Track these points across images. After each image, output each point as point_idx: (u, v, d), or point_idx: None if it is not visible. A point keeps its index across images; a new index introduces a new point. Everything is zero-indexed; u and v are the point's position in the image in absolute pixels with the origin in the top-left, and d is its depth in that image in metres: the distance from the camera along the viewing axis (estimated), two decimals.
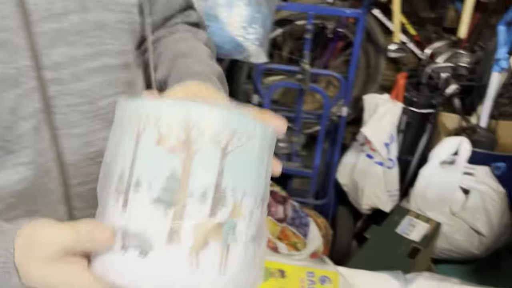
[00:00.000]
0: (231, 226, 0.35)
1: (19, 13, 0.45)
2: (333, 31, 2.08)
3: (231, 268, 0.35)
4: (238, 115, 0.37)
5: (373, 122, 1.77)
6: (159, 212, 0.34)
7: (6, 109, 0.46)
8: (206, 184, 0.34)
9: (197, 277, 0.34)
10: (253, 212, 0.36)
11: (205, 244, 0.34)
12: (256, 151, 0.37)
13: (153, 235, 0.34)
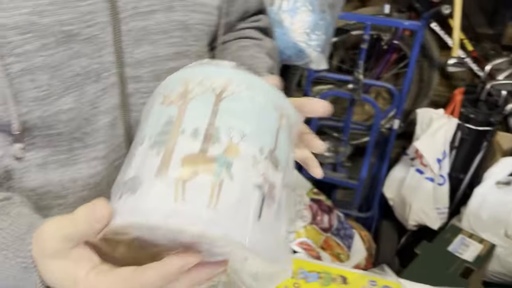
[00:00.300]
0: (225, 163, 0.33)
1: (108, 9, 0.46)
2: (388, 43, 2.06)
3: (224, 203, 0.32)
4: (236, 69, 0.38)
5: (426, 136, 1.74)
6: (153, 153, 0.34)
7: (87, 102, 0.47)
8: (198, 122, 0.35)
9: (181, 206, 0.32)
10: (258, 160, 0.34)
11: (193, 175, 0.33)
12: (258, 101, 0.37)
13: (144, 173, 0.34)
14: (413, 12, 2.00)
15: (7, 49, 0.42)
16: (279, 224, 0.35)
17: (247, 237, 0.32)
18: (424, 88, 2.25)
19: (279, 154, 0.36)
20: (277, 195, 0.35)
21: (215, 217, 0.32)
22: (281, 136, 0.37)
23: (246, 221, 0.33)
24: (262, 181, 0.34)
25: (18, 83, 0.43)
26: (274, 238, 0.35)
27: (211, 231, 0.31)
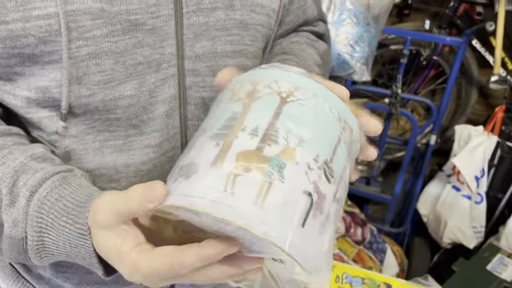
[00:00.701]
0: (278, 164, 0.34)
1: (172, 3, 0.47)
2: (427, 58, 2.05)
3: (270, 203, 0.32)
4: (305, 76, 0.38)
5: (464, 153, 1.72)
6: (212, 143, 0.35)
7: (147, 90, 0.49)
8: (260, 122, 0.35)
9: (228, 198, 0.32)
10: (311, 167, 0.34)
11: (245, 171, 0.33)
12: (321, 110, 0.37)
13: (201, 161, 0.35)
14: (454, 29, 2.00)
15: (78, 33, 0.44)
16: (323, 237, 0.35)
17: (287, 241, 0.32)
18: (461, 105, 2.23)
19: (335, 166, 0.36)
20: (326, 208, 0.35)
21: (259, 214, 0.32)
22: (340, 148, 0.37)
23: (289, 225, 0.33)
24: (312, 189, 0.34)
25: (84, 66, 0.45)
26: (315, 249, 0.34)
27: (253, 228, 0.32)
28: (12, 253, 0.44)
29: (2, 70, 0.47)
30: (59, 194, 0.43)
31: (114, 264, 0.39)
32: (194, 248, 0.34)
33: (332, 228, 0.36)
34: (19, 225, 0.43)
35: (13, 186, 0.43)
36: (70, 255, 0.43)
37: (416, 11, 2.25)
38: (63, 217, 0.41)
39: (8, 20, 0.43)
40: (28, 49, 0.44)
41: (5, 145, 0.46)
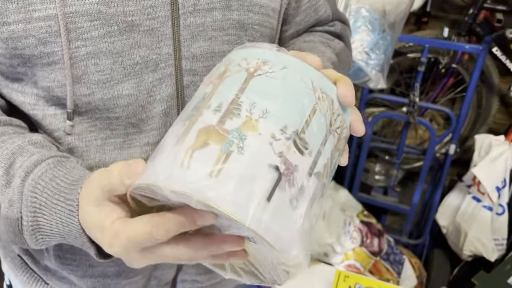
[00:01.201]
0: (238, 136, 0.33)
1: (169, 4, 0.48)
2: (446, 67, 2.02)
3: (227, 175, 0.31)
4: (276, 51, 0.37)
5: (484, 163, 1.67)
6: (181, 124, 0.36)
7: (145, 90, 0.50)
8: (224, 98, 0.35)
9: (184, 171, 0.32)
10: (277, 137, 0.33)
11: (204, 145, 0.32)
12: (291, 81, 0.36)
13: (167, 142, 0.35)
14: (473, 36, 1.96)
15: (76, 34, 0.45)
16: (296, 213, 0.33)
17: (249, 214, 0.31)
18: (482, 114, 2.18)
19: (309, 138, 0.34)
20: (299, 181, 0.33)
21: (215, 186, 0.31)
22: (316, 119, 0.35)
23: (251, 198, 0.31)
24: (279, 161, 0.32)
25: (83, 65, 0.46)
26: (286, 225, 0.32)
27: (210, 201, 0.30)
28: (9, 234, 0.45)
29: (7, 70, 0.49)
30: (53, 175, 0.43)
31: (96, 238, 0.39)
32: (171, 213, 0.34)
33: (308, 204, 0.34)
34: (14, 205, 0.43)
35: (9, 168, 0.44)
36: (63, 235, 0.43)
37: (435, 19, 2.22)
38: (56, 195, 0.42)
39: (10, 22, 0.44)
40: (28, 50, 0.46)
41: (6, 132, 0.48)
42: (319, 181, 0.35)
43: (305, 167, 0.34)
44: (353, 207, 1.74)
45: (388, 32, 1.31)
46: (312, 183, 0.34)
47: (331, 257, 1.60)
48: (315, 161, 0.34)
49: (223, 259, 0.37)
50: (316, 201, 0.35)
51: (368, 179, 2.17)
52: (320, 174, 0.35)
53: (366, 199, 1.91)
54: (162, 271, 0.64)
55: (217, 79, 0.37)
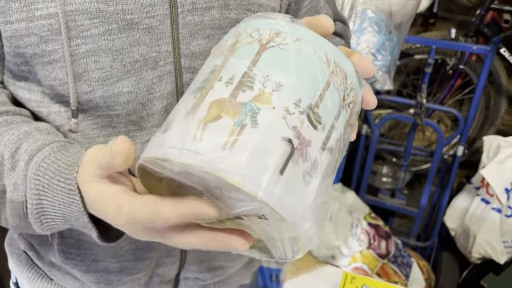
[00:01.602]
0: (251, 109, 0.32)
1: (167, 3, 0.49)
2: (453, 68, 2.01)
3: (240, 148, 0.30)
4: (289, 21, 0.36)
5: (493, 165, 1.66)
6: (190, 97, 0.35)
7: (145, 87, 0.50)
8: (236, 70, 0.34)
9: (196, 144, 0.31)
10: (291, 111, 0.32)
11: (217, 118, 0.32)
12: (305, 54, 0.35)
13: (177, 115, 0.34)
14: (481, 37, 1.95)
15: (76, 32, 0.46)
16: (308, 187, 0.32)
17: (262, 188, 0.30)
18: (490, 116, 2.16)
19: (323, 112, 0.34)
20: (312, 155, 0.33)
21: (227, 158, 0.30)
22: (330, 93, 0.35)
23: (263, 171, 0.30)
24: (292, 135, 0.32)
25: (84, 63, 0.47)
26: (298, 199, 0.32)
27: (222, 173, 0.30)
28: (15, 219, 0.46)
29: (14, 67, 0.50)
30: (55, 157, 0.44)
31: (100, 211, 0.39)
32: (174, 201, 0.34)
33: (320, 179, 0.33)
34: (19, 188, 0.44)
35: (15, 152, 0.45)
36: (66, 217, 0.43)
37: (442, 20, 2.22)
38: (56, 176, 0.43)
39: (12, 20, 0.45)
40: (30, 48, 0.46)
41: (14, 121, 0.49)
42: (332, 156, 0.34)
43: (318, 141, 0.33)
44: (360, 210, 1.73)
45: (395, 33, 1.30)
46: (325, 158, 0.34)
47: (338, 259, 1.59)
48: (328, 136, 0.34)
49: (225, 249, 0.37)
50: (328, 176, 0.34)
51: (375, 181, 2.17)
52: (333, 149, 0.34)
53: (374, 201, 1.90)
54: (165, 268, 0.65)
55: (228, 51, 0.36)
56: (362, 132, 1.89)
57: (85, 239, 0.59)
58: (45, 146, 0.45)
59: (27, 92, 0.51)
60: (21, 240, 0.64)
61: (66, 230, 0.59)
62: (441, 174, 1.93)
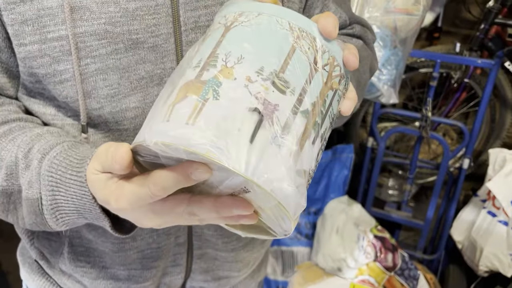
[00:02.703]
0: (213, 83, 0.33)
1: (171, 22, 0.51)
2: (458, 81, 2.02)
3: (204, 120, 0.31)
4: (251, 1, 0.37)
5: (499, 177, 1.66)
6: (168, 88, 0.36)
7: (151, 102, 0.53)
8: (203, 55, 0.36)
9: (164, 125, 0.32)
10: (253, 79, 0.33)
11: (183, 98, 0.33)
12: (265, 24, 0.35)
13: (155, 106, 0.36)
14: (485, 51, 1.97)
15: (86, 52, 0.48)
16: (283, 151, 0.32)
17: (232, 157, 0.30)
18: (496, 129, 2.17)
19: (290, 77, 0.34)
20: (281, 119, 0.33)
21: (192, 132, 0.31)
22: (296, 58, 0.35)
23: (232, 141, 0.31)
24: (256, 102, 0.33)
25: (93, 81, 0.49)
26: (272, 164, 0.32)
27: (190, 147, 0.31)
28: (31, 216, 0.47)
29: (28, 85, 0.52)
30: (66, 154, 0.46)
31: (106, 198, 0.40)
32: (165, 169, 0.35)
33: (297, 143, 0.33)
34: (33, 186, 0.46)
35: (28, 152, 0.47)
36: (80, 211, 0.45)
37: (446, 34, 2.24)
38: (68, 170, 0.44)
39: (26, 43, 0.48)
40: (42, 68, 0.49)
41: (27, 126, 0.51)
42: (308, 119, 0.34)
43: (287, 105, 0.34)
44: (366, 222, 1.73)
45: (400, 48, 1.32)
46: (299, 121, 0.34)
47: (345, 272, 1.59)
48: (300, 99, 0.34)
49: (234, 221, 0.38)
50: (311, 141, 0.35)
51: (381, 194, 2.17)
52: (308, 113, 0.34)
53: (380, 214, 1.91)
54: (171, 277, 0.66)
55: (201, 41, 0.38)
56: (368, 145, 1.90)
57: (94, 247, 0.61)
58: (56, 145, 0.47)
59: (42, 106, 0.54)
60: (33, 249, 0.66)
61: (76, 238, 0.61)
62: (447, 187, 1.94)
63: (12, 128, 0.50)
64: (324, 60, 0.37)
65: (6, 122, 0.51)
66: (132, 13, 0.48)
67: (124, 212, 0.40)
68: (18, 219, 0.50)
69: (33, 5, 0.46)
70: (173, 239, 0.63)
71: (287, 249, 1.78)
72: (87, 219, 0.46)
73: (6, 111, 0.52)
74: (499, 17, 1.88)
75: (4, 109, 0.52)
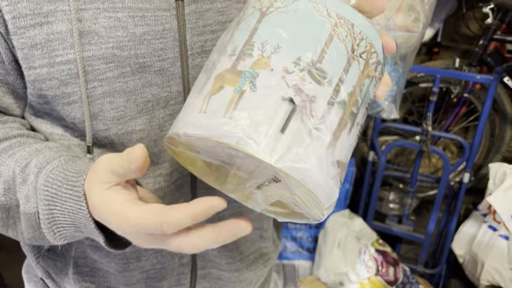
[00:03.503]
0: (250, 75, 0.32)
1: (178, 47, 0.52)
2: (458, 96, 2.04)
3: (240, 111, 0.31)
4: None
5: (499, 192, 1.67)
6: (202, 77, 0.36)
7: (156, 125, 0.53)
8: (239, 42, 0.35)
9: (199, 116, 0.32)
10: (290, 70, 0.32)
11: (219, 89, 0.33)
12: (302, 11, 0.34)
13: (190, 96, 0.36)
14: (484, 66, 1.99)
15: (93, 75, 0.49)
16: (318, 143, 0.32)
17: (262, 147, 0.30)
18: (496, 143, 2.18)
19: (327, 66, 0.33)
20: (318, 111, 0.32)
21: (227, 124, 0.31)
22: (334, 46, 0.34)
23: (264, 131, 0.31)
24: (293, 93, 0.32)
25: (99, 103, 0.50)
26: (305, 156, 0.31)
27: (222, 139, 0.31)
28: (29, 230, 0.47)
29: (37, 106, 0.53)
30: (63, 168, 0.46)
31: (107, 219, 0.40)
32: (184, 206, 0.35)
33: (332, 134, 0.33)
34: (30, 200, 0.46)
35: (25, 167, 0.47)
36: (76, 225, 0.45)
37: (446, 49, 2.27)
38: (64, 184, 0.44)
39: (35, 66, 0.48)
40: (51, 91, 0.50)
41: (27, 142, 0.51)
42: (345, 110, 0.34)
43: (324, 96, 0.33)
44: (368, 236, 1.74)
45: (400, 64, 1.35)
46: (336, 112, 0.33)
47: (347, 286, 1.60)
48: (337, 89, 0.33)
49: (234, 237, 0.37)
50: (347, 132, 0.34)
51: (382, 208, 2.18)
52: (345, 103, 0.34)
53: (381, 227, 1.91)
54: None
55: (234, 26, 0.37)
56: (369, 158, 1.91)
57: (99, 267, 0.61)
58: (53, 159, 0.47)
59: (49, 126, 0.54)
60: (39, 268, 0.66)
61: (81, 259, 0.61)
62: (448, 201, 1.95)
63: (12, 144, 0.50)
64: (361, 47, 0.36)
65: (7, 139, 0.51)
66: (140, 37, 0.49)
67: (123, 234, 0.40)
68: (18, 234, 0.50)
69: (42, 30, 0.47)
70: (177, 259, 0.64)
71: (288, 263, 1.79)
72: (83, 233, 0.46)
73: (8, 128, 0.52)
74: (497, 33, 1.91)
75: (6, 126, 0.53)
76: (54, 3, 0.47)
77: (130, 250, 0.60)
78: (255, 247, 0.72)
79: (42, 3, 0.47)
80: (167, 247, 0.38)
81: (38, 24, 0.47)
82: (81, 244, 0.61)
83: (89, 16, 0.48)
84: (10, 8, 0.46)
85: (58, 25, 0.47)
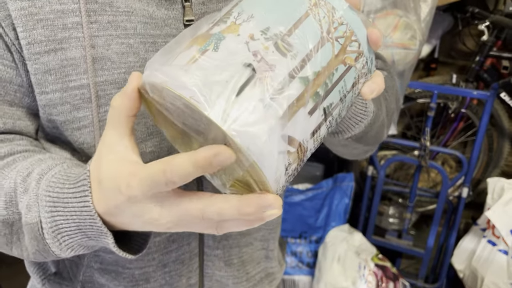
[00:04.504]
0: (217, 38, 0.34)
1: None
2: (455, 111, 2.07)
3: (197, 68, 0.32)
4: None
5: (497, 206, 1.68)
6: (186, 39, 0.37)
7: (166, 147, 0.54)
8: (222, 13, 0.37)
9: (163, 68, 0.33)
10: (255, 37, 0.33)
11: (188, 48, 0.34)
12: None
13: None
14: (481, 82, 2.02)
15: (105, 100, 0.50)
16: (270, 112, 0.32)
17: (215, 107, 0.30)
18: (494, 158, 2.20)
19: (295, 41, 0.34)
20: (277, 81, 0.32)
21: (183, 76, 0.31)
22: (308, 24, 0.35)
23: (218, 92, 0.31)
24: (253, 58, 0.32)
25: None
26: (256, 122, 0.31)
27: (176, 90, 0.31)
28: (33, 243, 0.45)
29: (47, 129, 0.54)
30: (65, 172, 0.45)
31: (114, 189, 0.38)
32: (187, 153, 0.33)
33: (288, 107, 0.32)
34: (32, 209, 0.44)
35: (27, 176, 0.47)
36: (81, 228, 0.42)
37: (443, 65, 2.30)
38: (66, 185, 0.43)
39: (48, 91, 0.49)
40: (62, 116, 0.50)
41: (31, 156, 0.51)
42: (307, 87, 0.34)
43: (285, 68, 0.33)
44: (367, 251, 1.74)
45: (398, 81, 1.37)
46: (295, 86, 0.33)
47: None
48: (301, 65, 0.33)
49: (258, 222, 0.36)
50: (306, 110, 0.34)
51: (382, 222, 2.18)
52: (308, 80, 0.34)
53: (381, 242, 1.92)
54: None
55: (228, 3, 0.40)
56: (368, 173, 1.93)
57: None
58: (55, 166, 0.47)
59: (58, 150, 0.55)
60: None
61: (89, 283, 0.61)
62: (447, 215, 1.95)
63: (16, 159, 0.51)
64: (339, 31, 0.36)
65: (11, 154, 0.51)
66: None
67: (133, 204, 0.37)
68: (22, 251, 0.48)
69: (56, 56, 0.48)
70: (184, 280, 0.64)
71: (288, 278, 1.79)
72: (90, 238, 0.44)
73: (15, 144, 0.53)
74: (493, 50, 1.94)
75: (14, 143, 0.53)
76: (68, 30, 0.48)
77: (139, 272, 0.61)
78: (261, 267, 0.73)
79: (56, 30, 0.48)
80: (189, 213, 0.36)
81: (52, 50, 0.48)
82: (89, 268, 0.61)
83: (102, 43, 0.49)
84: (25, 34, 0.47)
85: (72, 51, 0.48)
